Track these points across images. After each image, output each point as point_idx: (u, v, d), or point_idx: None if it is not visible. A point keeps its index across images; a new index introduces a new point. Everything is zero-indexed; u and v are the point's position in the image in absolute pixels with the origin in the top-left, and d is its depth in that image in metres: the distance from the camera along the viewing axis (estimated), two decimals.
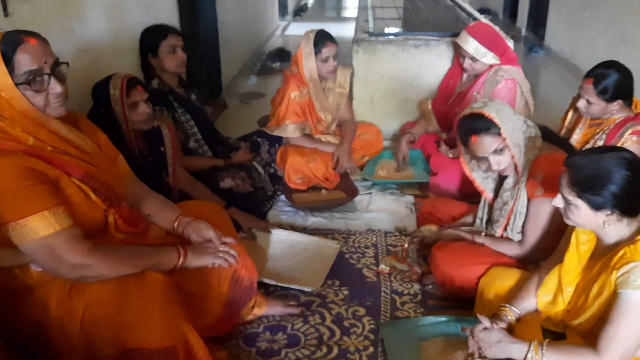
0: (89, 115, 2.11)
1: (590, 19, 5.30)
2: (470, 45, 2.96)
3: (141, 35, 2.73)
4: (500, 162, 2.01)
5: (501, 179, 2.16)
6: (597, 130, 2.48)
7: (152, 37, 2.70)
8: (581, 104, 2.47)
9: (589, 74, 2.44)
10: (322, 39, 2.98)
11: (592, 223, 1.57)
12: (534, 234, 2.02)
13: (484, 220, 2.30)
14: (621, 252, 1.53)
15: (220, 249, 1.77)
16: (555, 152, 1.99)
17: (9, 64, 1.40)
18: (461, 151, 2.18)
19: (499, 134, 1.95)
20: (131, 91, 2.16)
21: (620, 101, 2.40)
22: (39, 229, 1.40)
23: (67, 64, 1.55)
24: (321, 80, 3.09)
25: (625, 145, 2.33)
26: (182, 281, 1.70)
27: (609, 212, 1.53)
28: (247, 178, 2.82)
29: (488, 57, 2.96)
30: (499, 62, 2.99)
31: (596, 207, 1.52)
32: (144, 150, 2.25)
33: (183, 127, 2.80)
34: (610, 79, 2.38)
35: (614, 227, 1.56)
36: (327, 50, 2.97)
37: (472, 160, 2.18)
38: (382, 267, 2.40)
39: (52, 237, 1.42)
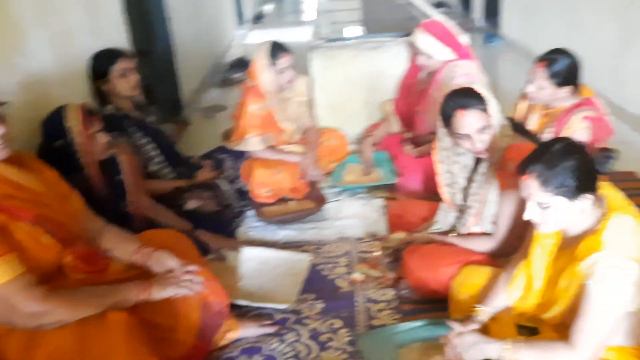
0: (39, 151, 2.04)
1: (544, 6, 5.38)
2: (425, 42, 2.96)
3: (90, 62, 2.67)
4: (484, 140, 2.00)
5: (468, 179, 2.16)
6: (549, 120, 2.51)
7: (101, 63, 2.64)
8: (531, 89, 2.48)
9: (540, 58, 2.47)
10: (276, 50, 2.95)
11: (570, 217, 1.56)
12: (506, 225, 2.03)
13: (452, 216, 2.30)
14: (584, 243, 1.54)
15: (184, 277, 1.73)
16: (525, 143, 2.00)
17: None
18: (437, 136, 2.14)
19: (486, 111, 1.96)
20: (89, 121, 2.10)
21: (569, 87, 2.43)
22: None
23: (5, 103, 1.50)
24: (279, 90, 3.06)
25: (574, 131, 2.37)
26: (149, 314, 1.66)
27: (584, 198, 1.53)
28: (213, 197, 2.78)
29: (443, 53, 2.97)
30: (454, 58, 3.00)
31: (572, 195, 1.52)
32: (101, 181, 2.19)
33: (142, 151, 2.74)
34: (561, 63, 2.41)
35: (582, 216, 1.56)
36: (283, 62, 2.94)
37: (444, 150, 2.14)
38: (355, 275, 2.38)
39: (3, 287, 1.37)
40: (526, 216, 1.59)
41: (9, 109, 1.51)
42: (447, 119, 2.04)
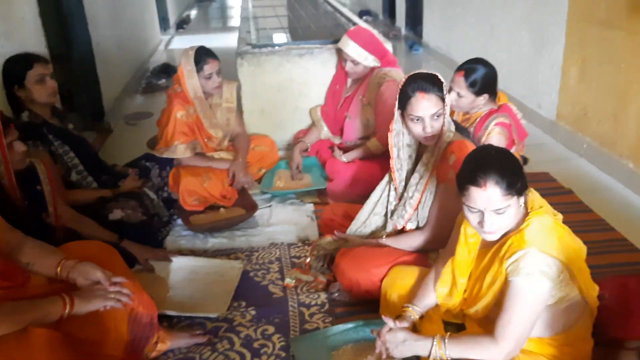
0: None
1: (461, 16, 5.63)
2: (351, 49, 3.02)
3: (3, 67, 2.53)
4: (434, 127, 2.05)
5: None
6: (467, 125, 2.62)
7: (16, 68, 2.51)
8: (452, 96, 2.59)
9: (460, 68, 2.58)
10: (202, 56, 2.91)
11: (516, 216, 1.61)
12: (439, 217, 2.09)
13: (383, 214, 2.35)
14: (509, 242, 1.61)
15: (111, 289, 1.66)
16: (466, 140, 2.08)
17: None
18: (394, 118, 2.15)
19: (443, 99, 2.02)
20: (4, 129, 1.97)
21: (486, 95, 2.56)
22: None
23: None
24: (207, 97, 3.02)
25: (491, 136, 2.50)
26: (75, 329, 1.59)
27: (524, 193, 1.61)
28: (139, 206, 2.69)
29: (369, 60, 3.05)
30: (379, 65, 3.08)
31: (520, 192, 1.59)
32: (18, 192, 2.07)
33: (62, 160, 2.62)
34: (478, 73, 2.53)
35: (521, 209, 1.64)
36: (209, 67, 2.91)
37: (397, 134, 2.17)
38: (287, 281, 2.38)
39: None
40: (486, 228, 1.59)
41: None
42: (406, 100, 2.06)
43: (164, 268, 2.45)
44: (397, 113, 2.13)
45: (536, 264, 1.55)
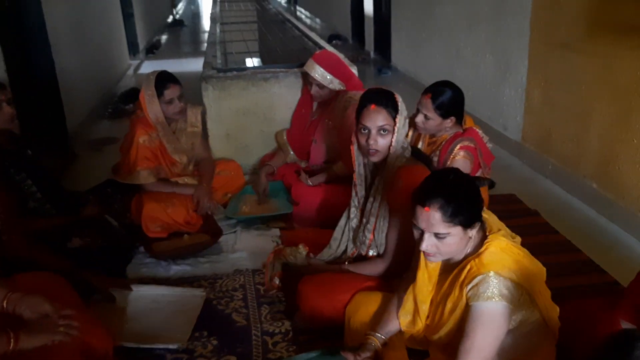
0: None
1: (427, 40, 5.72)
2: (317, 72, 3.02)
3: None
4: (378, 142, 2.05)
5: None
6: (433, 149, 2.63)
7: None
8: (419, 119, 2.59)
9: (427, 90, 2.59)
10: (163, 81, 2.87)
11: (461, 245, 1.62)
12: (395, 244, 2.08)
13: (343, 241, 2.32)
14: (468, 267, 1.60)
15: (60, 322, 1.59)
16: (418, 166, 2.07)
17: None
18: (353, 127, 2.16)
19: (394, 119, 2.02)
20: None
21: (453, 118, 2.57)
22: None
23: None
24: (170, 122, 2.98)
25: (456, 160, 2.50)
26: None
27: (474, 226, 1.60)
28: (99, 233, 2.62)
29: (334, 84, 3.05)
30: (345, 88, 3.08)
31: (468, 224, 1.58)
32: None
33: (18, 187, 2.54)
34: (445, 95, 2.54)
35: (469, 243, 1.63)
36: (170, 92, 2.87)
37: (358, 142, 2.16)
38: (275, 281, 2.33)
39: None
40: (422, 248, 1.61)
41: None
42: (359, 111, 2.08)
43: (124, 298, 2.37)
44: (356, 126, 2.14)
45: (495, 287, 1.55)
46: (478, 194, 1.64)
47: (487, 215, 1.69)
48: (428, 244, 1.60)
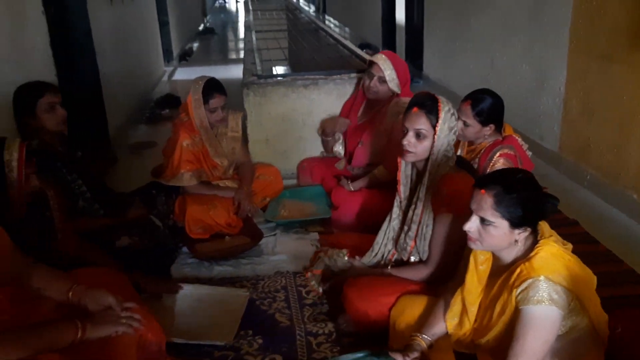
0: None
1: (461, 50, 5.73)
2: (384, 63, 3.06)
3: (15, 95, 2.56)
4: (411, 143, 2.09)
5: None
6: (473, 156, 2.64)
7: (27, 97, 2.54)
8: (458, 125, 2.61)
9: (467, 97, 2.61)
10: (210, 90, 2.94)
11: (503, 243, 1.65)
12: (440, 250, 2.10)
13: (385, 244, 2.35)
14: (518, 270, 1.62)
15: (122, 314, 1.65)
16: (461, 174, 2.09)
17: None
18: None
19: (433, 126, 2.06)
20: (28, 161, 1.99)
21: (492, 125, 2.58)
22: None
23: None
24: (212, 126, 3.05)
25: (495, 167, 2.50)
26: (84, 356, 1.56)
27: (523, 230, 1.62)
28: (145, 234, 2.70)
29: (393, 83, 3.07)
30: (399, 93, 3.09)
31: (516, 223, 1.61)
32: (26, 221, 2.08)
33: (69, 187, 2.63)
34: (486, 103, 2.56)
35: (514, 245, 1.65)
36: (215, 102, 2.94)
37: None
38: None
39: None
40: (466, 226, 1.66)
41: None
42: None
43: (171, 295, 2.43)
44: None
45: (545, 291, 1.56)
46: (538, 202, 1.65)
47: (541, 222, 1.71)
48: (472, 225, 1.65)
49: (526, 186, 1.64)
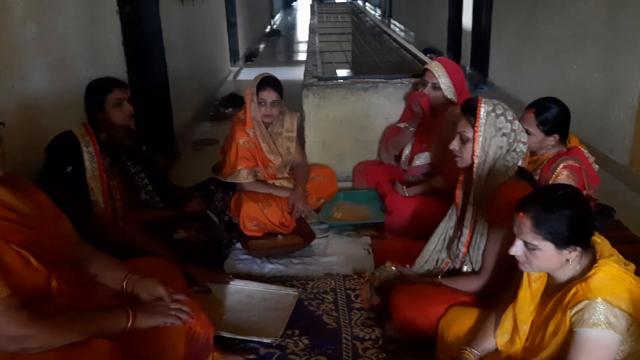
0: (42, 177, 2.05)
1: (529, 56, 5.55)
2: (439, 70, 3.02)
3: (86, 90, 2.69)
4: (456, 146, 2.08)
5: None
6: (534, 167, 2.55)
7: (96, 92, 2.66)
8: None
9: (531, 105, 2.52)
10: (263, 83, 3.02)
11: (553, 264, 1.58)
12: (493, 262, 2.03)
13: (439, 251, 2.31)
14: (573, 290, 1.55)
15: (172, 306, 1.70)
16: (520, 183, 2.02)
17: None
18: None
19: (473, 127, 2.01)
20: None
21: (556, 136, 2.48)
22: None
23: (2, 124, 1.50)
24: (267, 125, 3.10)
25: (558, 179, 2.41)
26: (134, 343, 1.62)
27: (572, 249, 1.55)
28: (201, 228, 2.77)
29: (449, 91, 3.02)
30: (455, 102, 3.03)
31: (562, 246, 1.54)
32: (108, 207, 2.20)
33: (133, 179, 2.74)
34: (551, 112, 2.47)
35: (567, 265, 1.58)
36: (265, 94, 3.00)
37: None
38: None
39: None
40: (511, 251, 1.61)
41: (3, 131, 1.52)
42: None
43: (221, 290, 2.49)
44: None
45: (602, 314, 1.48)
46: (586, 217, 1.58)
47: (599, 239, 1.63)
48: (517, 249, 1.60)
49: (568, 203, 1.55)
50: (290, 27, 15.92)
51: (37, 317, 1.42)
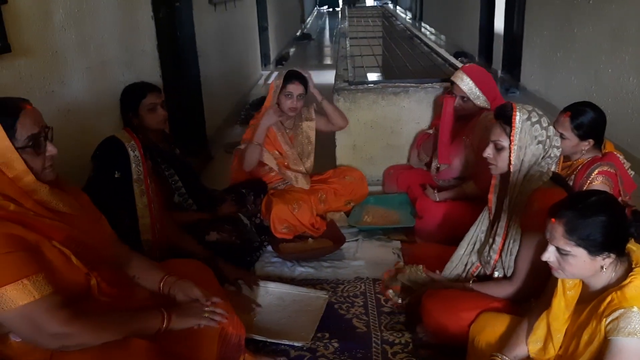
0: (91, 184, 2.13)
1: (563, 60, 5.47)
2: (465, 84, 2.93)
3: (122, 95, 2.75)
4: (489, 154, 2.07)
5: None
6: (568, 173, 2.51)
7: (131, 97, 2.72)
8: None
9: (566, 109, 2.47)
10: (290, 76, 3.09)
11: (587, 271, 1.56)
12: (525, 268, 2.01)
13: (468, 255, 2.30)
14: (609, 298, 1.52)
15: (207, 308, 1.74)
16: (554, 189, 1.99)
17: (11, 128, 1.43)
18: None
19: (508, 135, 2.00)
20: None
21: (591, 140, 2.44)
22: (17, 298, 1.37)
23: (52, 128, 1.57)
24: (287, 119, 3.16)
25: (593, 185, 2.36)
26: (169, 344, 1.66)
27: (606, 256, 1.54)
28: (233, 230, 2.81)
29: (480, 100, 2.95)
30: (489, 107, 2.97)
31: (595, 252, 1.52)
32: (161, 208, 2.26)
33: (167, 182, 2.80)
34: (586, 116, 2.42)
35: (601, 272, 1.56)
36: (292, 87, 3.07)
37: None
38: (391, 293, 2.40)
39: (30, 307, 1.38)
40: (544, 257, 1.60)
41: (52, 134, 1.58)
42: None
43: (252, 292, 2.52)
44: None
45: (638, 323, 1.45)
46: (620, 224, 1.55)
47: (635, 247, 1.60)
48: (550, 255, 1.58)
49: (602, 209, 1.53)
50: (320, 31, 15.99)
51: (78, 316, 1.46)
